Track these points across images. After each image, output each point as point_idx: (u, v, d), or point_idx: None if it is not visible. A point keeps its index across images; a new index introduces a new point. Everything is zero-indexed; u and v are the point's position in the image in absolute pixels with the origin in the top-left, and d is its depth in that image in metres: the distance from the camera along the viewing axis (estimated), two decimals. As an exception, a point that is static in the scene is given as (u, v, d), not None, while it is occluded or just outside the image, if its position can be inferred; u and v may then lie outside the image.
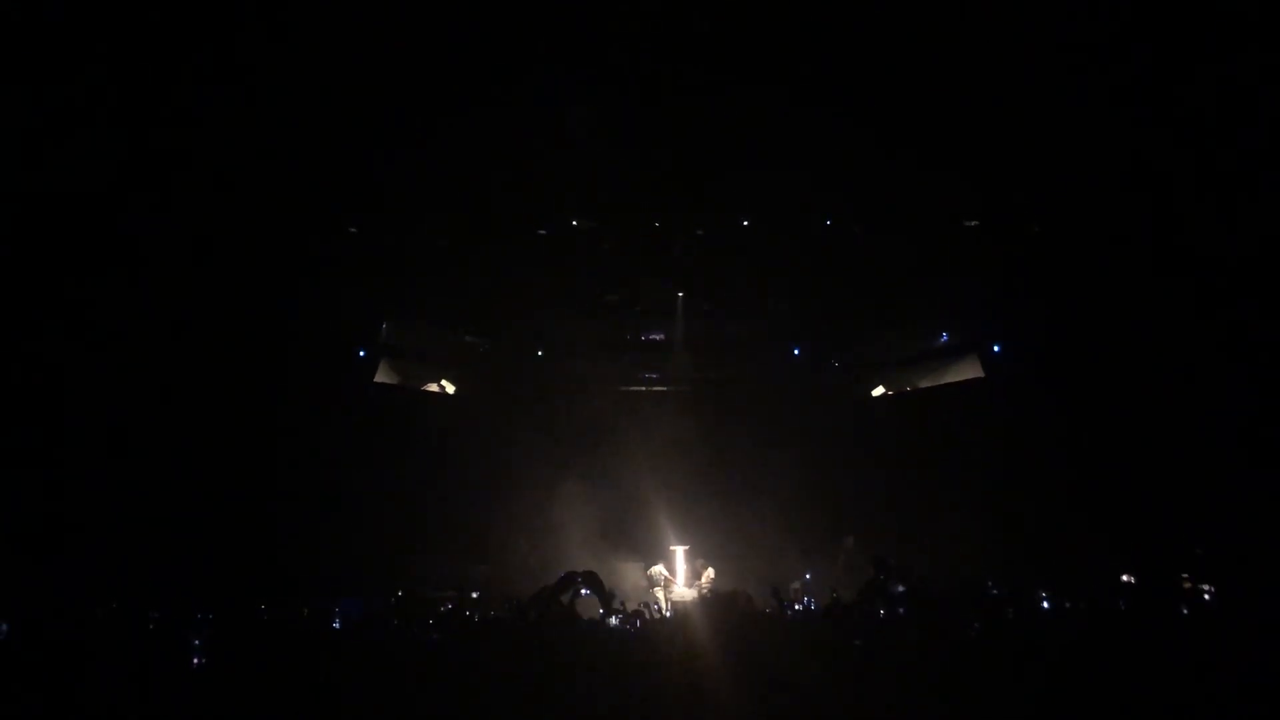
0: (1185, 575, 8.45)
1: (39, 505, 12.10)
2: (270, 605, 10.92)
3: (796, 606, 13.28)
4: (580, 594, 9.74)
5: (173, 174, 13.07)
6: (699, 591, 15.98)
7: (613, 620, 9.33)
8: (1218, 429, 12.90)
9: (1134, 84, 12.43)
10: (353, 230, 16.05)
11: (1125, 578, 9.29)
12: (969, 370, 18.46)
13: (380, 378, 18.19)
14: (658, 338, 20.14)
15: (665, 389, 20.38)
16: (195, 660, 8.20)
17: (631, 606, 11.89)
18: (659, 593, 16.25)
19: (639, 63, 13.35)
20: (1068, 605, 8.35)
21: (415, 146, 14.12)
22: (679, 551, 16.95)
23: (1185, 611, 7.39)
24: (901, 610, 7.32)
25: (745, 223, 17.17)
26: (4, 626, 8.89)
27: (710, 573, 16.40)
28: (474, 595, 15.60)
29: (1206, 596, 7.69)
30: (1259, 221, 12.35)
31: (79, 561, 11.83)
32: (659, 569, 16.75)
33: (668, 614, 14.51)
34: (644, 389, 20.48)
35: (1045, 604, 8.34)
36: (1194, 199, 12.95)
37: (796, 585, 15.83)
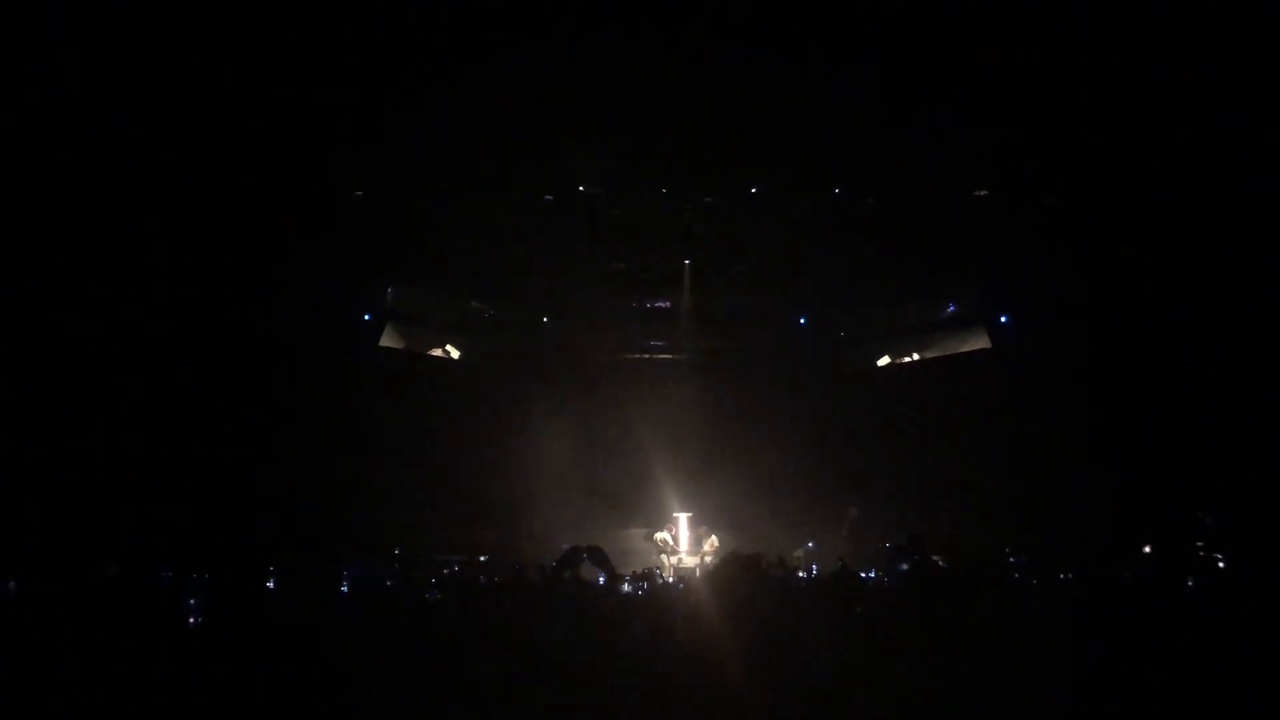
0: (1200, 544, 8.46)
1: (51, 471, 12.14)
2: (276, 569, 10.95)
3: (800, 574, 13.35)
4: (582, 560, 9.75)
5: (178, 138, 12.99)
6: (701, 559, 16.06)
7: (625, 588, 9.38)
8: (1227, 398, 12.90)
9: (1146, 54, 12.31)
10: (360, 194, 15.98)
11: (1146, 549, 9.31)
12: (975, 341, 18.46)
13: (385, 342, 18.19)
14: (664, 305, 20.10)
15: (671, 357, 20.39)
16: (195, 619, 8.23)
17: (636, 571, 11.97)
18: (663, 558, 16.34)
19: (648, 29, 13.21)
20: (1066, 577, 8.36)
21: (423, 111, 14.03)
22: (682, 519, 17.01)
23: (1191, 584, 7.42)
24: (910, 581, 7.36)
25: (753, 190, 17.09)
26: (11, 584, 8.93)
27: (714, 540, 16.46)
28: (482, 559, 15.69)
29: (1220, 565, 7.72)
30: (1269, 192, 12.30)
31: (86, 527, 11.86)
32: (663, 535, 16.83)
33: (670, 580, 14.61)
34: (650, 356, 20.50)
35: (1061, 575, 8.34)
36: (1203, 172, 12.88)
37: (799, 553, 15.91)
